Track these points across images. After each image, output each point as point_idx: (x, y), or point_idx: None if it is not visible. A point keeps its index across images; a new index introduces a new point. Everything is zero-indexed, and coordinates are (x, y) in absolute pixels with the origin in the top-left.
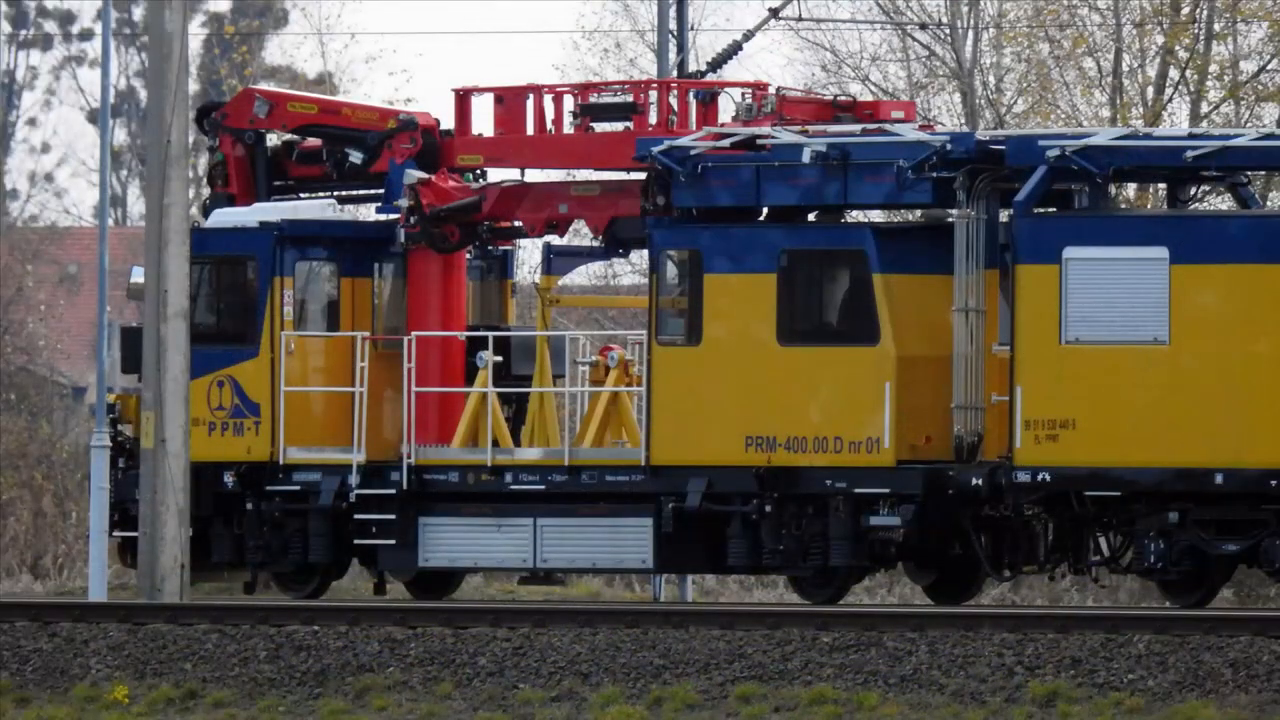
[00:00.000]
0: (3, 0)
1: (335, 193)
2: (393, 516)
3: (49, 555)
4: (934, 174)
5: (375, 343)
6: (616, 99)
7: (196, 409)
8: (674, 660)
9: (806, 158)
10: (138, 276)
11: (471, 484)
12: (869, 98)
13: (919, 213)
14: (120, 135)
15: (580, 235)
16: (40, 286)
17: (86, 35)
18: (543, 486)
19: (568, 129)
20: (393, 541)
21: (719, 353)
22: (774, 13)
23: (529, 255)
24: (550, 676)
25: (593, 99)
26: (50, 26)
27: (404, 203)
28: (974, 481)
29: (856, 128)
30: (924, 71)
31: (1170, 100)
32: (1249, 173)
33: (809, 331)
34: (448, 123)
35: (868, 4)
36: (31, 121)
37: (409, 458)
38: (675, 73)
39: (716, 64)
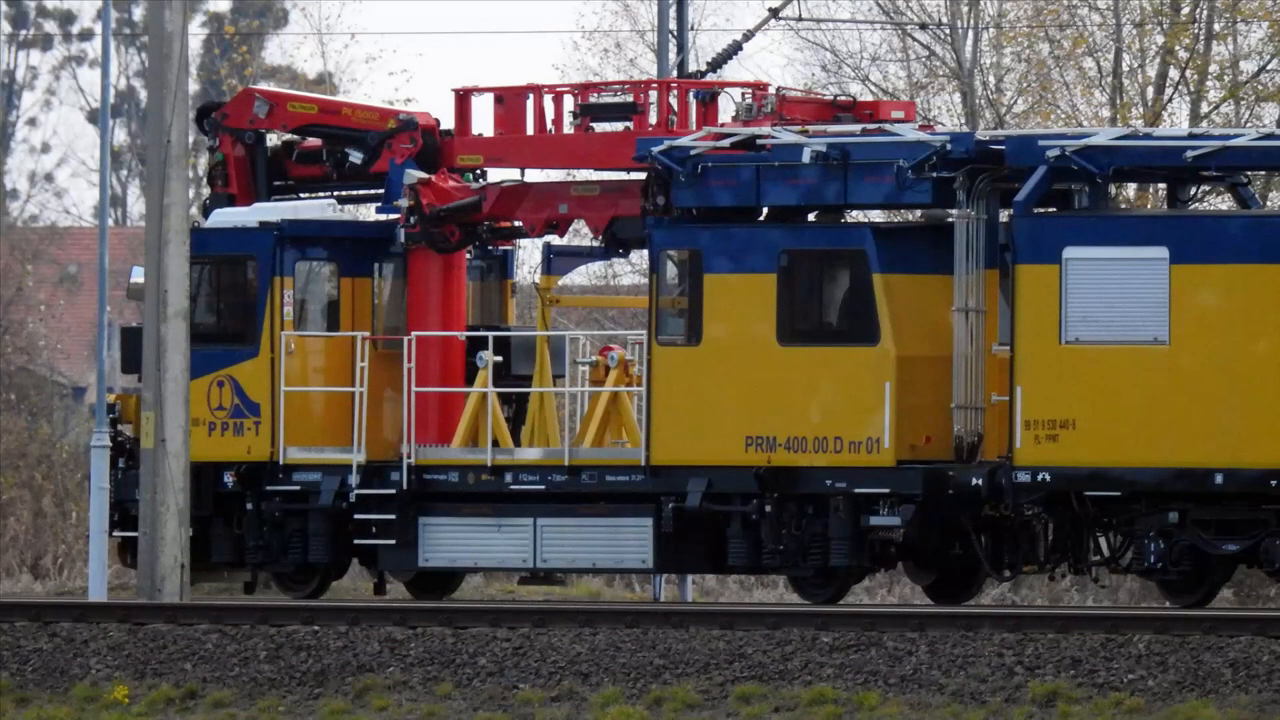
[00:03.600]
0: (3, 0)
1: (335, 193)
2: (393, 516)
3: (49, 555)
4: (934, 174)
5: (375, 343)
6: (616, 99)
7: (196, 409)
8: (674, 660)
9: (806, 158)
10: (138, 276)
11: (471, 484)
12: (869, 98)
13: (919, 213)
14: (120, 135)
15: (580, 235)
16: (40, 286)
17: (86, 35)
18: (543, 486)
19: (568, 129)
20: (393, 541)
21: (719, 353)
22: (774, 13)
23: (529, 255)
24: (550, 676)
25: (593, 99)
26: (50, 26)
27: (404, 203)
28: (974, 481)
29: (856, 128)
30: (924, 71)
31: (1170, 100)
32: (1249, 173)
33: (809, 331)
34: (448, 123)
35: (868, 4)
36: (31, 121)
37: (409, 458)
38: (675, 73)
39: (716, 64)
